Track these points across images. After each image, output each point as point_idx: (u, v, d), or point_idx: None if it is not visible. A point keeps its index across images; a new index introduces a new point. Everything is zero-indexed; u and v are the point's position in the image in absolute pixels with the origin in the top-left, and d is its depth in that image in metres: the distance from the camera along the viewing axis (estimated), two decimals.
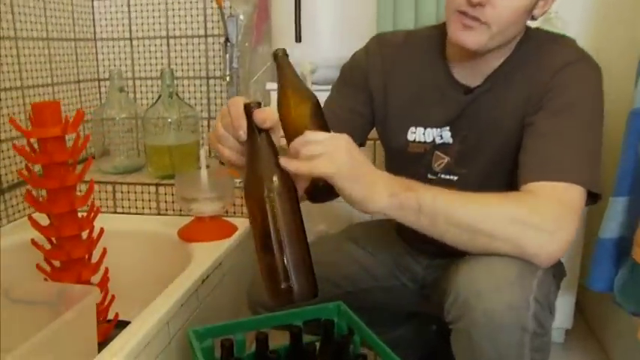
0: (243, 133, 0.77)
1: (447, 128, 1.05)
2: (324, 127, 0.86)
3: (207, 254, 1.38)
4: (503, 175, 1.02)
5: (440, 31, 1.07)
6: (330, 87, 1.17)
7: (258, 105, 0.77)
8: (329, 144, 0.78)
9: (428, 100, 1.06)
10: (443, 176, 1.06)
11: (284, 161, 0.77)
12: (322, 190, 0.81)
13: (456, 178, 1.05)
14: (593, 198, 0.91)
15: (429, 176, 1.07)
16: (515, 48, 1.01)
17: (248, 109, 0.77)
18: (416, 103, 1.07)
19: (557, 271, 1.00)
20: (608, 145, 1.36)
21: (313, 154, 0.77)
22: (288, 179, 0.78)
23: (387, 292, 1.20)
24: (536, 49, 1.00)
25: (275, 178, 0.77)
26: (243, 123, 0.77)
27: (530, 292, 0.82)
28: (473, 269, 0.85)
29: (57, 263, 1.26)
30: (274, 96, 1.50)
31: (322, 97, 1.31)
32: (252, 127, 0.77)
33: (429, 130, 1.07)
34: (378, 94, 1.09)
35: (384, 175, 0.85)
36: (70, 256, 1.23)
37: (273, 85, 1.52)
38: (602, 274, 1.23)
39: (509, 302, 0.80)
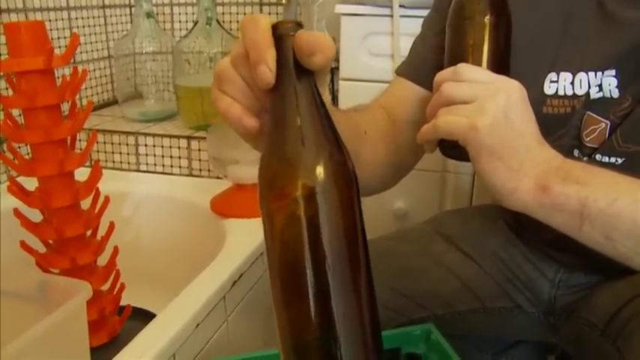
0: (268, 72, 0.47)
1: (613, 72, 0.72)
2: (505, 59, 0.70)
3: (244, 236, 1.15)
4: None
5: None
6: (422, 12, 0.92)
7: (298, 26, 0.47)
8: (483, 90, 0.60)
9: (580, 25, 0.75)
10: (599, 157, 0.75)
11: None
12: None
13: (621, 160, 0.74)
14: None
15: (576, 154, 0.77)
16: None
17: (280, 33, 0.47)
18: (559, 33, 0.76)
19: None
20: None
21: (458, 96, 0.61)
22: (348, 161, 0.46)
23: (494, 316, 0.93)
24: None
25: (326, 158, 0.44)
26: (271, 54, 0.47)
27: None
28: None
29: (50, 242, 1.07)
30: (345, 23, 1.26)
31: (412, 25, 1.01)
32: (287, 65, 0.47)
33: (581, 75, 0.74)
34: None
35: (544, 153, 0.63)
36: (61, 234, 1.01)
37: (345, 8, 1.25)
38: None
39: None
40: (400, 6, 1.18)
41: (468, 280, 0.91)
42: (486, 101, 0.60)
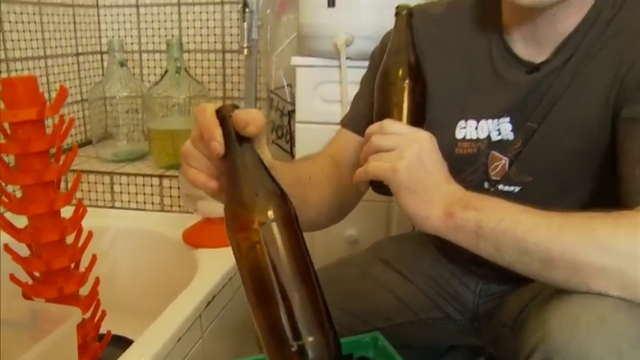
0: (218, 145, 0.63)
1: (507, 119, 0.86)
2: (420, 114, 0.84)
3: (215, 264, 1.24)
4: (587, 188, 0.82)
5: None
6: (366, 63, 1.02)
7: (234, 107, 0.64)
8: (401, 140, 0.73)
9: (480, 84, 0.88)
10: (501, 187, 0.87)
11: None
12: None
13: (517, 188, 0.86)
14: None
15: (486, 186, 0.89)
16: (596, 4, 0.81)
17: (222, 115, 0.63)
18: (464, 90, 0.89)
19: None
20: None
21: (383, 146, 0.73)
22: (286, 199, 0.63)
23: (428, 326, 1.03)
24: (631, 8, 0.80)
25: (268, 201, 0.61)
26: (218, 132, 0.63)
27: None
28: (576, 317, 0.63)
29: (36, 274, 1.12)
30: (300, 74, 1.35)
31: (358, 74, 1.13)
32: (231, 138, 0.63)
33: (483, 122, 0.88)
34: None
35: (450, 188, 0.74)
36: (49, 266, 1.08)
37: (300, 60, 1.35)
38: None
39: None
40: (347, 58, 1.28)
41: (404, 296, 1.01)
42: (404, 150, 0.72)
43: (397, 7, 0.85)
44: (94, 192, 1.59)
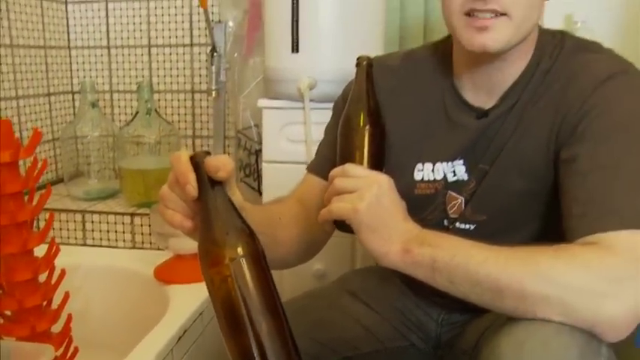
0: (192, 189, 0.69)
1: (461, 162, 0.92)
2: (380, 158, 0.89)
3: (186, 300, 1.26)
4: (535, 224, 0.88)
5: (444, 45, 0.96)
6: (329, 105, 1.07)
7: (207, 154, 0.70)
8: (362, 183, 0.78)
9: (435, 129, 0.94)
10: (458, 225, 0.92)
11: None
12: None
13: (472, 227, 0.91)
14: None
15: (445, 223, 0.94)
16: (535, 54, 0.88)
17: (195, 161, 0.70)
18: (421, 135, 0.95)
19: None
20: None
21: (345, 188, 0.78)
22: (254, 238, 0.69)
23: (394, 355, 1.06)
24: (566, 58, 0.87)
25: (238, 239, 0.67)
26: (192, 177, 0.69)
27: None
28: (522, 344, 0.68)
29: (8, 312, 1.12)
30: (267, 115, 1.39)
31: (321, 116, 1.18)
32: (204, 182, 0.69)
33: (438, 165, 0.94)
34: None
35: (407, 226, 0.79)
36: (22, 305, 1.09)
37: (266, 102, 1.39)
38: None
39: None
40: (310, 100, 1.30)
41: (370, 326, 1.04)
42: (364, 191, 0.76)
43: (358, 59, 0.91)
44: (66, 230, 1.60)
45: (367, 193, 0.77)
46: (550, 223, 0.84)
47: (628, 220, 0.72)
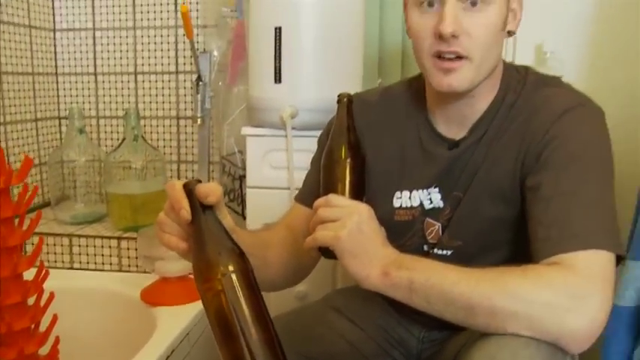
0: (186, 213, 0.77)
1: (436, 190, 0.98)
2: (360, 188, 0.94)
3: (173, 321, 1.29)
4: (507, 247, 0.94)
5: (417, 82, 1.03)
6: (310, 133, 1.17)
7: (198, 182, 0.78)
8: (343, 212, 0.83)
9: (411, 160, 1.01)
10: (436, 251, 0.98)
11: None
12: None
13: (449, 252, 0.97)
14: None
15: (425, 249, 0.99)
16: (501, 88, 0.95)
17: (188, 188, 0.77)
18: (399, 165, 1.02)
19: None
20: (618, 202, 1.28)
21: (328, 217, 0.84)
22: (242, 256, 0.76)
23: None
24: (528, 93, 0.94)
25: (228, 257, 0.74)
26: (185, 203, 0.77)
27: None
28: (491, 357, 0.74)
29: None
30: (250, 142, 1.43)
31: (303, 143, 1.22)
32: (196, 207, 0.77)
33: (415, 192, 1.00)
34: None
35: (385, 251, 0.85)
36: (11, 327, 1.09)
37: (249, 130, 1.43)
38: (619, 345, 1.13)
39: None
40: (292, 128, 1.35)
41: (355, 342, 1.08)
42: (345, 220, 0.82)
43: (339, 96, 0.97)
44: (53, 254, 1.62)
45: (348, 221, 0.82)
46: (520, 246, 0.89)
47: (585, 241, 0.78)
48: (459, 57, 0.87)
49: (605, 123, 0.91)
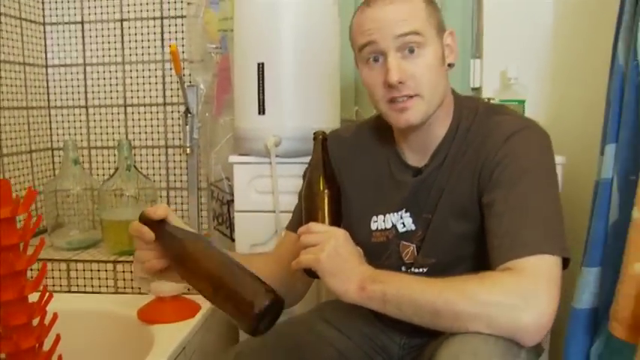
0: (147, 232, 0.92)
1: (407, 214, 1.08)
2: (337, 215, 1.02)
3: (169, 337, 1.36)
4: (473, 260, 1.03)
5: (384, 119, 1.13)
6: (293, 160, 1.30)
7: (143, 212, 0.95)
8: (322, 237, 0.94)
9: (384, 187, 1.11)
10: (413, 269, 1.07)
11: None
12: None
13: (425, 269, 1.06)
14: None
15: (403, 269, 1.08)
16: (455, 117, 1.06)
17: (141, 218, 0.94)
18: (373, 193, 1.12)
19: (538, 349, 1.02)
20: (575, 212, 1.38)
21: (309, 242, 0.94)
22: (203, 239, 0.95)
23: None
24: (481, 120, 1.05)
25: (197, 239, 0.94)
26: (144, 228, 0.93)
27: None
28: (457, 356, 0.84)
29: (3, 355, 1.18)
30: (237, 170, 1.51)
31: (286, 169, 1.30)
32: (154, 227, 0.92)
33: (388, 216, 1.10)
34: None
35: (361, 269, 0.94)
36: (18, 347, 1.16)
37: (236, 159, 1.51)
38: (577, 344, 1.23)
39: None
40: (276, 156, 1.41)
41: (343, 350, 1.16)
42: (324, 244, 0.92)
43: (314, 134, 1.06)
44: (51, 278, 1.67)
45: (326, 245, 0.93)
46: (483, 257, 0.98)
47: (533, 248, 0.89)
48: (411, 96, 0.99)
49: (550, 143, 1.02)
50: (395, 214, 1.09)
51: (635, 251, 1.00)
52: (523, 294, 0.85)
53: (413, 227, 1.08)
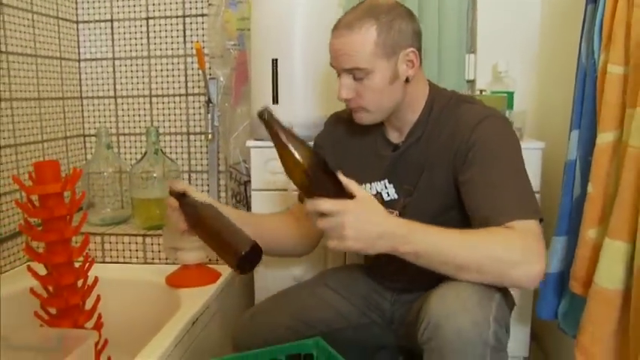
0: (172, 201, 1.18)
1: (391, 185, 1.20)
2: (334, 179, 0.94)
3: (195, 299, 1.48)
4: (458, 218, 1.14)
5: None
6: None
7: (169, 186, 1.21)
8: (335, 222, 0.93)
9: (370, 160, 1.25)
10: None
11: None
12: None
13: None
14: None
15: None
16: (427, 104, 1.18)
17: (170, 190, 1.20)
18: (362, 165, 1.25)
19: (509, 298, 1.14)
20: (551, 190, 1.50)
21: (327, 228, 0.94)
22: (208, 206, 1.17)
23: (359, 329, 1.30)
24: (452, 107, 1.16)
25: (200, 209, 1.17)
26: (171, 199, 1.18)
27: (490, 312, 0.95)
28: (443, 296, 0.97)
29: (53, 310, 1.32)
30: (254, 153, 1.62)
31: None
32: (178, 198, 1.18)
33: (373, 184, 1.23)
34: (336, 165, 1.15)
35: (388, 231, 0.96)
36: (67, 303, 1.30)
37: (253, 143, 1.62)
38: (547, 304, 1.34)
39: (473, 320, 0.93)
40: None
41: (340, 308, 1.29)
42: (342, 227, 0.93)
43: (258, 114, 0.92)
44: (87, 250, 1.75)
45: (346, 227, 0.93)
46: (463, 223, 1.09)
47: (515, 214, 1.01)
48: (357, 110, 1.15)
49: (511, 126, 1.15)
50: (379, 182, 1.22)
51: (589, 220, 1.12)
52: (530, 250, 0.98)
53: (395, 196, 1.20)
